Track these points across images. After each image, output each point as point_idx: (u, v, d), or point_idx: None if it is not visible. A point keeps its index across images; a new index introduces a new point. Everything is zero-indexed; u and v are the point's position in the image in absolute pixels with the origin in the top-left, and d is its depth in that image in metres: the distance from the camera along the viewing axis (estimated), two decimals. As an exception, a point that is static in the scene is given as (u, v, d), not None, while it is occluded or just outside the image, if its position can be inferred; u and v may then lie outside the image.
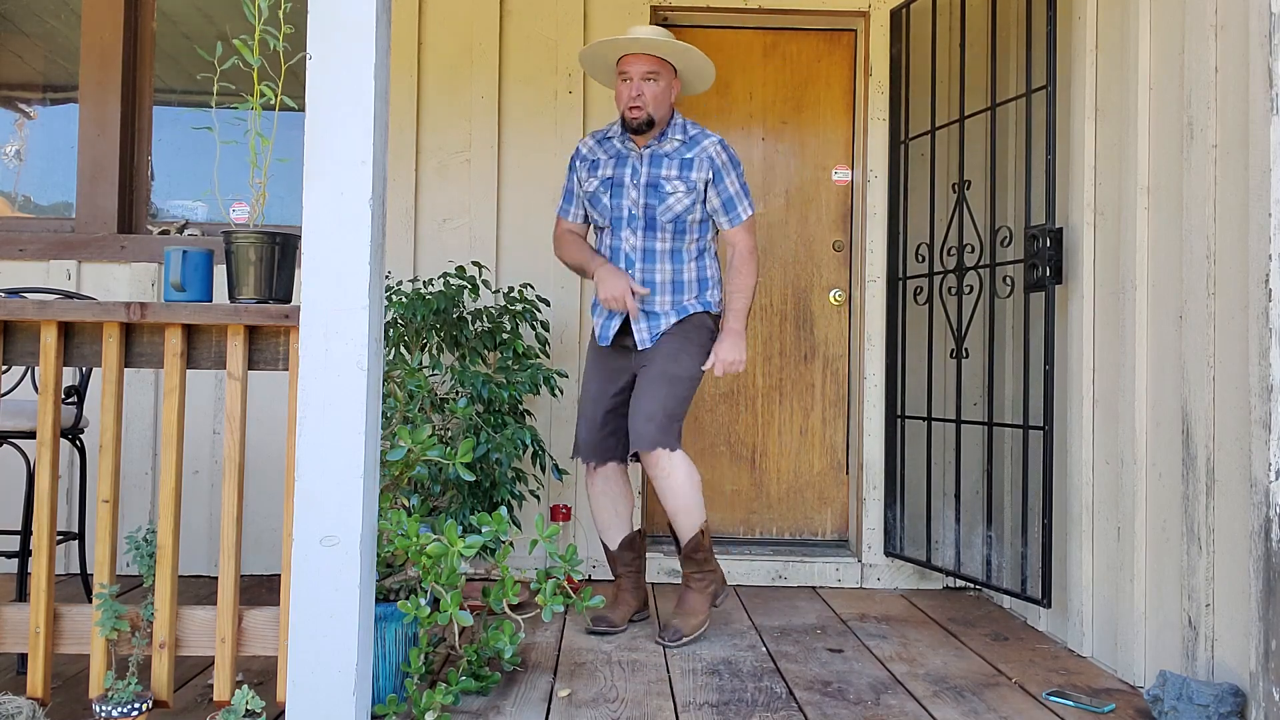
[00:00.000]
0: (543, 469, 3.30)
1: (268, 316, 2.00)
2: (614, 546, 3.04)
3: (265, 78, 2.10)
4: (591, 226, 3.06)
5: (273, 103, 2.10)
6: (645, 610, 3.11)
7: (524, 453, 3.24)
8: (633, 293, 2.83)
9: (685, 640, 2.85)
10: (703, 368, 2.89)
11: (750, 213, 2.95)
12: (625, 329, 2.94)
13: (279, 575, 3.50)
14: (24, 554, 2.52)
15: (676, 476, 2.84)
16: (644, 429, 2.82)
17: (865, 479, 3.73)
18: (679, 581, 3.63)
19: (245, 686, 1.93)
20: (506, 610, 2.43)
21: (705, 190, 2.89)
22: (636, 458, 2.91)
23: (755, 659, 2.73)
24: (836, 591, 3.62)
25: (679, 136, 2.92)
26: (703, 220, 2.93)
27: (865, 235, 3.76)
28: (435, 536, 2.23)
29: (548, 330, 3.54)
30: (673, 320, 2.90)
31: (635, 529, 3.06)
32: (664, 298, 2.90)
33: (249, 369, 2.04)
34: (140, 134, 3.77)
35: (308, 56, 1.93)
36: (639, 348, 2.90)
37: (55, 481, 2.03)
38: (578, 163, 3.02)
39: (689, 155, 2.89)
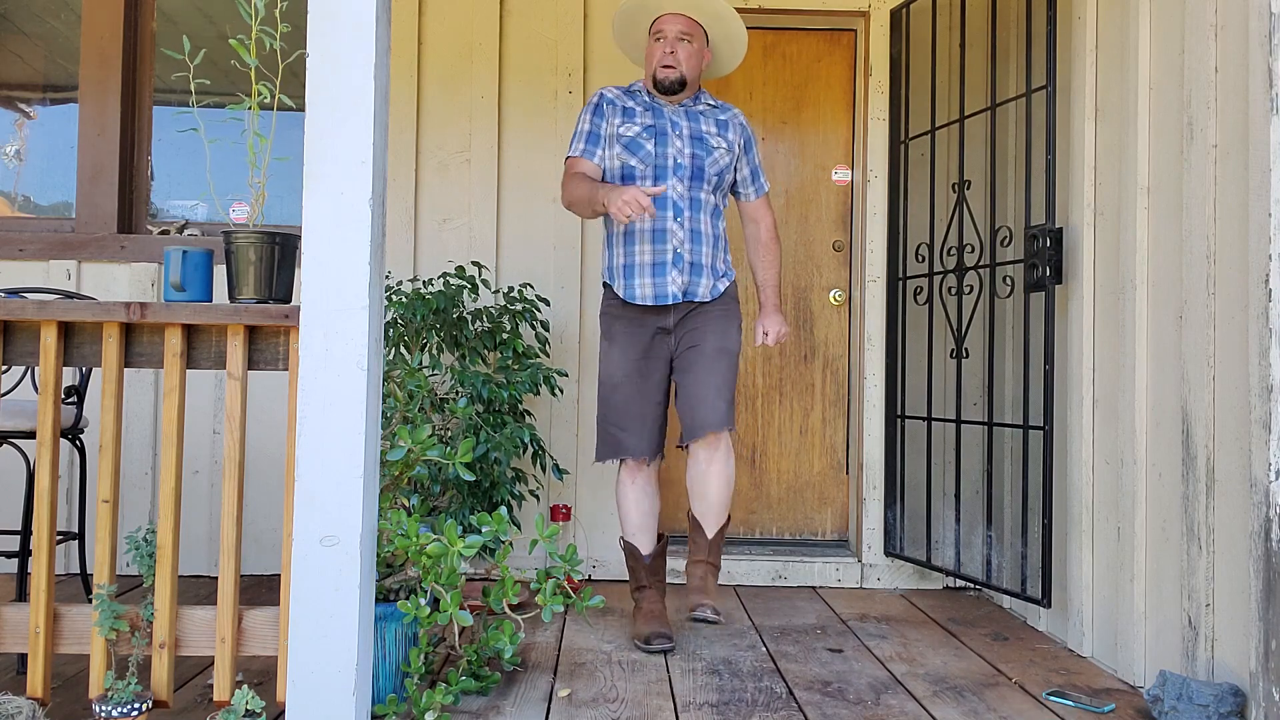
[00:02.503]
0: (543, 469, 3.30)
1: (268, 316, 2.00)
2: (647, 552, 2.90)
3: (262, 77, 2.10)
4: (615, 177, 2.86)
5: (269, 102, 2.10)
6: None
7: (524, 452, 3.24)
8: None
9: (721, 618, 2.81)
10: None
11: (768, 187, 3.05)
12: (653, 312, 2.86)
13: (279, 575, 3.50)
14: (24, 554, 2.52)
15: (731, 459, 2.86)
16: (718, 406, 2.76)
17: (865, 479, 3.73)
18: (681, 582, 3.62)
19: (245, 686, 1.93)
20: (506, 610, 2.43)
21: (739, 156, 2.94)
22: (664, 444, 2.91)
23: (755, 659, 2.73)
24: (836, 591, 3.62)
25: (707, 101, 2.96)
26: (732, 184, 2.98)
27: (865, 235, 3.76)
28: (435, 536, 2.23)
29: (548, 330, 3.54)
30: (712, 283, 2.85)
31: (659, 534, 2.96)
32: (707, 249, 2.85)
33: (249, 369, 2.04)
34: (140, 134, 3.77)
35: (307, 55, 1.93)
36: (681, 299, 2.81)
37: (55, 481, 2.03)
38: (606, 106, 2.89)
39: (722, 118, 2.93)
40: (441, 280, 3.57)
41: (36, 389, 2.41)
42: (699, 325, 2.84)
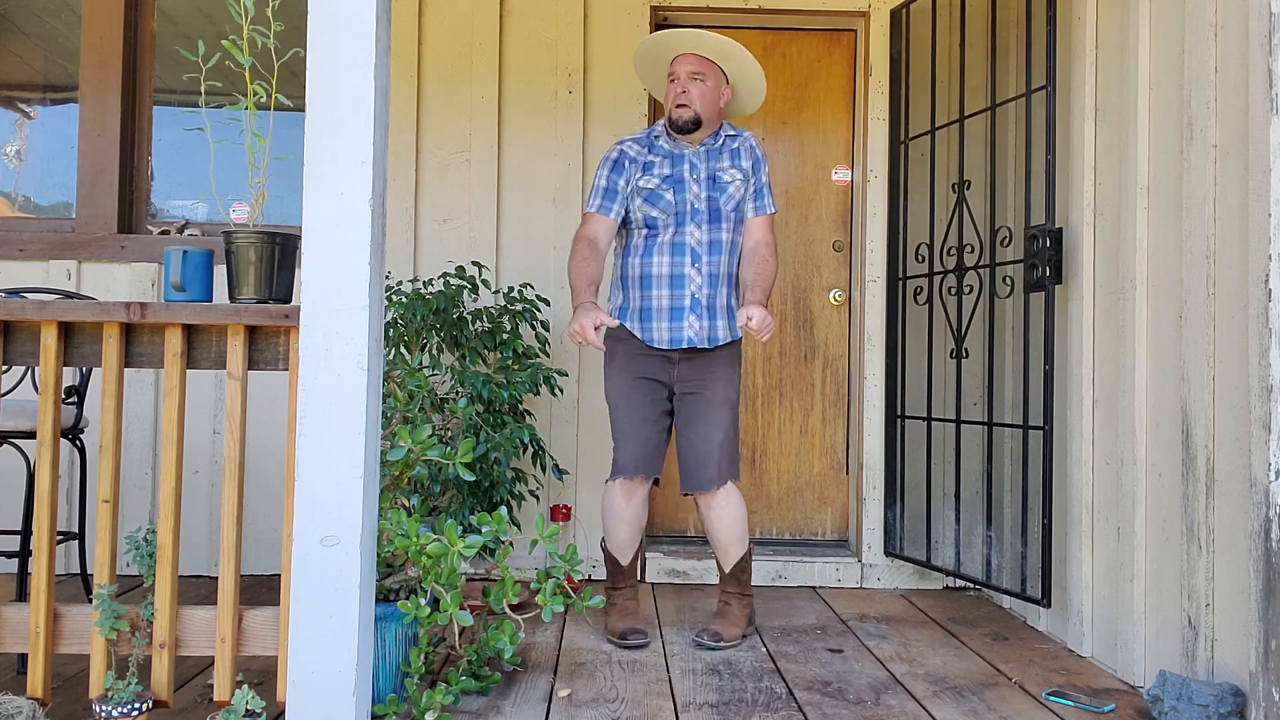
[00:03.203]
0: (543, 469, 3.30)
1: (268, 316, 2.00)
2: (626, 562, 2.96)
3: (258, 77, 2.10)
4: (637, 225, 2.92)
5: (266, 101, 2.10)
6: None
7: (524, 453, 3.24)
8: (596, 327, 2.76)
9: (723, 646, 2.82)
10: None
11: (774, 210, 3.00)
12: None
13: (279, 575, 3.50)
14: (24, 554, 2.52)
15: (738, 505, 2.91)
16: (720, 463, 2.85)
17: (865, 479, 3.73)
18: (680, 582, 3.64)
19: (245, 686, 1.93)
20: (506, 610, 2.43)
21: (749, 176, 2.95)
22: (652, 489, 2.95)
23: (755, 659, 2.73)
24: (836, 591, 3.62)
25: (728, 132, 2.98)
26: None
27: (865, 235, 3.76)
28: (435, 536, 2.23)
29: (548, 330, 3.54)
30: (727, 325, 2.88)
31: (640, 542, 3.03)
32: (723, 290, 2.89)
33: (249, 369, 2.04)
34: (140, 134, 3.77)
35: (306, 55, 1.93)
36: (703, 345, 2.84)
37: (55, 481, 2.03)
38: (627, 163, 2.90)
39: (735, 146, 2.96)
40: (441, 280, 3.57)
41: (36, 389, 2.41)
42: (704, 369, 2.88)
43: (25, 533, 2.52)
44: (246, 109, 2.08)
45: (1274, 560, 2.01)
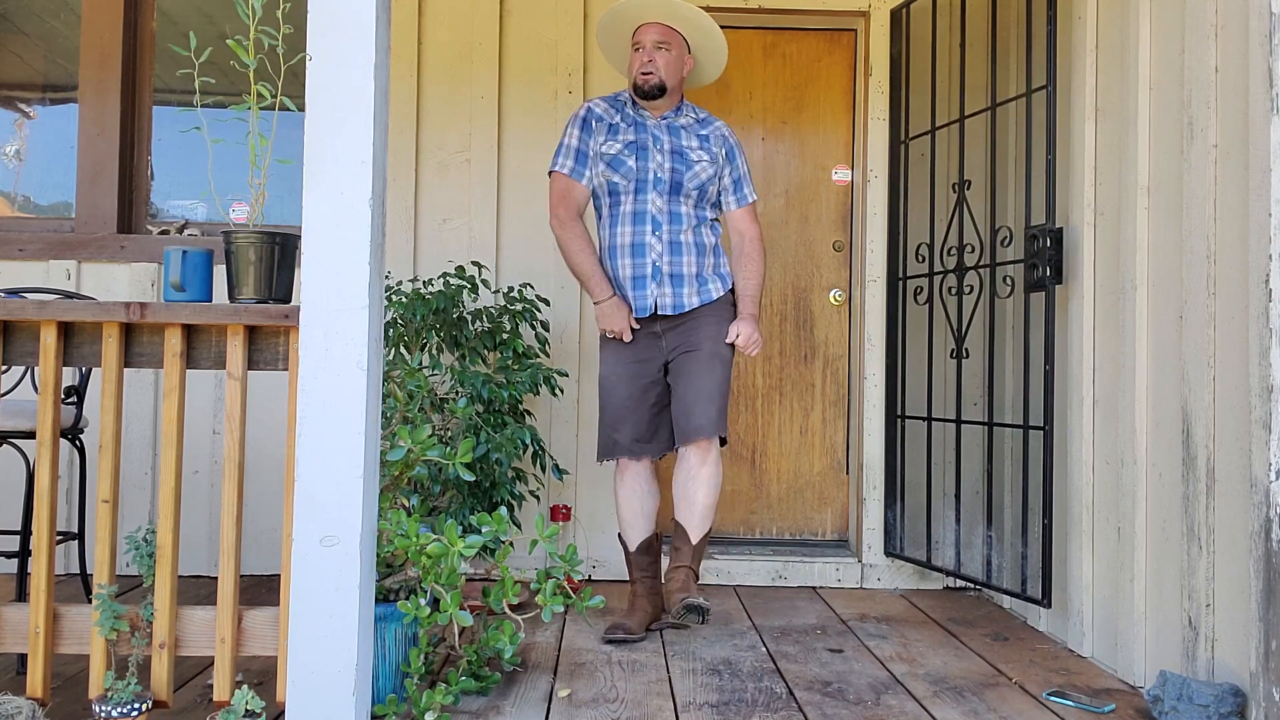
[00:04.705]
0: (543, 469, 3.30)
1: (268, 316, 2.00)
2: (633, 548, 2.96)
3: (263, 77, 2.10)
4: (602, 193, 2.94)
5: (270, 103, 2.10)
6: (660, 618, 3.01)
7: (524, 453, 3.24)
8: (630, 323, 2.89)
9: (706, 605, 2.71)
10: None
11: (754, 198, 3.04)
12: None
13: (279, 575, 3.50)
14: (24, 554, 2.52)
15: (719, 467, 2.89)
16: (709, 412, 2.81)
17: (865, 479, 3.73)
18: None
19: (245, 686, 1.93)
20: (506, 610, 2.43)
21: (722, 166, 2.97)
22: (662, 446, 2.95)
23: (755, 659, 2.73)
24: (836, 591, 3.61)
25: (692, 114, 3.00)
26: (717, 194, 3.00)
27: (865, 235, 3.76)
28: (435, 536, 2.23)
29: (548, 330, 3.53)
30: (697, 291, 2.89)
31: (654, 531, 2.99)
32: (689, 259, 2.90)
33: (249, 369, 2.04)
34: (140, 134, 3.77)
35: (308, 58, 1.93)
36: (669, 311, 2.87)
37: (55, 481, 2.03)
38: (593, 122, 2.95)
39: (704, 132, 2.97)
40: (441, 280, 3.57)
41: (36, 389, 2.41)
42: (693, 330, 2.89)
43: (25, 533, 2.52)
44: (250, 109, 2.08)
45: (1274, 560, 2.01)
